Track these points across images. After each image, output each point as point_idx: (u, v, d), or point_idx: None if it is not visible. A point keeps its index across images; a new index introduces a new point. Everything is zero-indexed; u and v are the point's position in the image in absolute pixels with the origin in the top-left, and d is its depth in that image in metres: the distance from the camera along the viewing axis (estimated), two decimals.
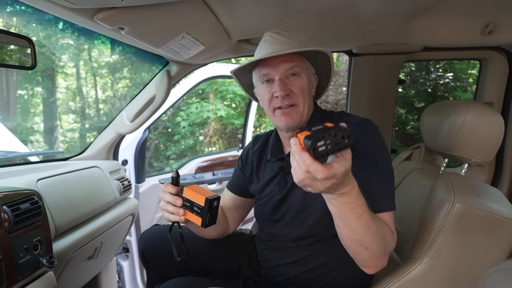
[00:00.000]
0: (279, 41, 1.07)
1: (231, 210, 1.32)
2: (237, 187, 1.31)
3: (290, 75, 1.06)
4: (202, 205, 0.92)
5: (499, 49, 1.68)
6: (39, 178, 1.26)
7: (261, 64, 1.08)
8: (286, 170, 1.12)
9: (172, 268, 1.26)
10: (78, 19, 0.98)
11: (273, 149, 1.19)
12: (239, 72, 1.18)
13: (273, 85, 1.06)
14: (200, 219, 0.93)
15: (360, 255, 0.88)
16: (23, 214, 0.97)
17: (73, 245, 1.27)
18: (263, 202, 1.17)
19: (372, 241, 0.83)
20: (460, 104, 1.13)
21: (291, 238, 1.10)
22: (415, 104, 5.01)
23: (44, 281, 1.05)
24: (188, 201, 0.95)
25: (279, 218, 1.12)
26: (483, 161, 1.13)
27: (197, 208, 0.93)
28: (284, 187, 1.11)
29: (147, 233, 1.34)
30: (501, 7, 1.21)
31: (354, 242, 0.85)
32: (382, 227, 0.86)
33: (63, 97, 6.15)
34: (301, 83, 1.06)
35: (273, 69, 1.05)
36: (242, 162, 1.31)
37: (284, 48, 1.05)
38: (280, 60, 1.05)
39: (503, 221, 0.90)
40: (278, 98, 1.05)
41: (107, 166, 1.75)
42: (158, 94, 1.69)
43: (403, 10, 1.24)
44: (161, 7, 0.97)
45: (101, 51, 5.96)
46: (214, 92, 6.28)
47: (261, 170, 1.22)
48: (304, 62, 1.10)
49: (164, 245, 1.29)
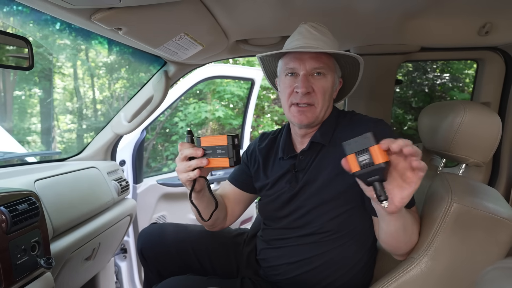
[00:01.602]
0: (314, 36, 1.05)
1: (231, 203, 1.29)
2: (240, 181, 1.29)
3: (316, 74, 1.04)
4: (225, 143, 0.91)
5: (496, 49, 1.69)
6: (37, 178, 1.26)
7: (289, 56, 1.07)
8: (298, 168, 1.11)
9: (171, 266, 1.26)
10: (76, 19, 0.97)
11: (284, 147, 1.17)
12: (265, 58, 1.16)
13: (296, 80, 1.05)
14: (227, 158, 0.91)
15: (402, 250, 0.97)
16: (21, 215, 0.97)
17: (71, 246, 1.27)
18: (271, 199, 1.15)
19: (412, 235, 0.94)
20: (458, 105, 1.13)
21: (299, 234, 1.09)
22: (413, 104, 5.02)
23: (42, 282, 1.04)
24: (209, 148, 0.93)
25: (286, 215, 1.11)
26: (480, 161, 1.14)
27: (220, 150, 0.92)
28: (296, 185, 1.09)
29: (145, 231, 1.34)
30: (498, 7, 1.22)
31: (404, 243, 0.94)
32: (417, 222, 0.96)
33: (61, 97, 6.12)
34: (325, 84, 1.05)
35: (300, 64, 1.03)
36: (247, 157, 1.29)
37: (317, 44, 1.03)
38: (309, 56, 1.03)
39: (501, 221, 0.90)
40: (298, 94, 1.04)
41: (105, 166, 1.74)
42: (156, 95, 1.69)
43: (400, 11, 1.24)
44: (158, 8, 0.97)
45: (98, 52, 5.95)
46: (212, 92, 6.27)
47: (269, 167, 1.20)
48: (333, 63, 1.08)
49: (162, 243, 1.29)
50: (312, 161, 1.09)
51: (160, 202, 2.31)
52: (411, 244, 0.95)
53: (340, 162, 1.05)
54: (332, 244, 1.06)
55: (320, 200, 1.04)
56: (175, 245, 1.28)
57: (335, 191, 1.03)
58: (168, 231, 1.33)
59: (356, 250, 1.08)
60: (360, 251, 1.08)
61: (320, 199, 1.04)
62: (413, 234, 0.94)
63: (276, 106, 6.73)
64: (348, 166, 0.75)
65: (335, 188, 1.03)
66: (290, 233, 1.11)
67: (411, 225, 0.92)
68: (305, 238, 1.08)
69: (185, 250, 1.28)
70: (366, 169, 0.72)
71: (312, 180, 1.07)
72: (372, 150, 0.71)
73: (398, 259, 1.01)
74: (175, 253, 1.28)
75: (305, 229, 1.08)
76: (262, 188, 1.21)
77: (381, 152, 0.71)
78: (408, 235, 0.93)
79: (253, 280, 1.15)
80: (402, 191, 0.75)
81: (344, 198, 1.03)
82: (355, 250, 1.08)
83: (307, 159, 1.10)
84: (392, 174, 0.76)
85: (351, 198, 1.03)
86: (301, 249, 1.09)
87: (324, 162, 1.07)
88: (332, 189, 1.03)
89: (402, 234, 0.90)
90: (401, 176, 0.75)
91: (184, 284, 1.10)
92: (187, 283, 1.11)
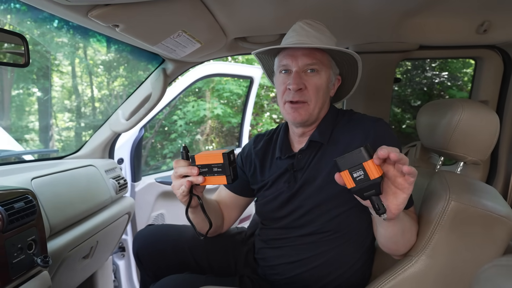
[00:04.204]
0: (307, 33, 1.04)
1: (227, 208, 1.29)
2: (236, 186, 1.28)
3: (309, 71, 1.04)
4: (221, 161, 0.90)
5: (494, 47, 1.69)
6: (34, 177, 1.25)
7: (283, 53, 1.06)
8: (296, 167, 1.10)
9: (167, 267, 1.25)
10: (72, 16, 0.97)
11: (281, 146, 1.16)
12: (263, 56, 1.16)
13: (289, 77, 1.05)
14: (224, 177, 0.91)
15: (401, 252, 0.97)
16: (17, 213, 0.96)
17: (68, 244, 1.26)
18: (269, 199, 1.14)
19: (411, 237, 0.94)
20: (456, 103, 1.13)
21: (298, 234, 1.08)
22: (411, 103, 5.03)
23: (39, 280, 1.04)
24: (205, 166, 0.92)
25: (285, 215, 1.10)
26: (478, 159, 1.14)
27: (216, 168, 0.91)
28: (294, 184, 1.09)
29: (141, 233, 1.33)
30: (496, 5, 1.22)
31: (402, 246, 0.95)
32: (415, 224, 0.96)
33: (59, 95, 6.11)
34: (318, 81, 1.04)
35: (293, 61, 1.03)
36: (242, 160, 1.28)
37: (309, 41, 1.02)
38: (302, 52, 1.02)
39: (498, 218, 0.91)
40: (291, 91, 1.03)
41: (103, 164, 1.74)
42: (154, 92, 1.68)
43: (399, 9, 1.24)
44: (156, 4, 0.96)
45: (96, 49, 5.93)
46: (211, 90, 6.27)
47: (267, 168, 1.19)
48: (328, 59, 1.07)
49: (158, 246, 1.28)
50: (311, 160, 1.08)
51: (159, 200, 2.31)
52: (410, 245, 0.96)
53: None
54: (331, 244, 1.06)
55: (320, 200, 1.04)
56: (171, 245, 1.27)
57: (334, 190, 1.02)
58: (164, 232, 1.32)
59: (355, 249, 1.07)
60: (359, 250, 1.08)
61: (320, 199, 1.04)
62: (411, 236, 0.95)
63: (275, 104, 6.72)
64: (343, 182, 0.75)
65: (335, 188, 1.02)
66: (289, 233, 1.10)
67: (409, 227, 0.92)
68: (304, 238, 1.08)
69: (182, 250, 1.27)
70: (361, 184, 0.73)
71: (311, 179, 1.06)
72: (366, 165, 0.71)
73: (396, 258, 1.01)
74: (171, 253, 1.27)
75: (304, 229, 1.07)
76: (260, 189, 1.20)
77: (375, 166, 0.71)
78: (407, 238, 0.93)
79: (251, 279, 1.15)
80: (397, 197, 0.76)
81: (343, 198, 1.02)
82: (354, 249, 1.07)
83: (305, 158, 1.09)
84: (385, 182, 0.77)
85: (350, 198, 1.03)
86: (300, 249, 1.08)
87: (323, 162, 1.06)
88: (331, 189, 1.03)
89: (400, 238, 0.91)
90: (393, 183, 0.76)
91: (182, 282, 1.10)
92: (185, 281, 1.10)
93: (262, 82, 5.74)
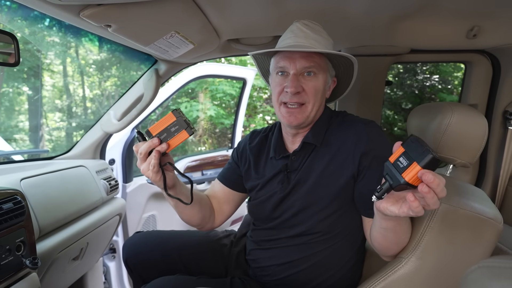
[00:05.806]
0: (305, 34, 1.03)
1: (220, 202, 1.28)
2: (230, 180, 1.27)
3: (306, 73, 1.03)
4: (174, 119, 0.93)
5: (483, 52, 1.72)
6: (23, 177, 1.24)
7: (280, 55, 1.06)
8: (290, 168, 1.10)
9: (157, 274, 1.24)
10: (64, 15, 0.96)
11: (276, 146, 1.16)
12: (259, 56, 1.16)
13: (286, 79, 1.04)
14: (184, 131, 0.93)
15: (391, 252, 0.97)
16: (6, 214, 0.95)
17: (58, 245, 1.25)
18: (262, 199, 1.14)
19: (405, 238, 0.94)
20: (446, 106, 1.15)
21: (289, 235, 1.08)
22: (403, 106, 5.08)
23: (27, 282, 1.02)
24: (162, 132, 0.93)
25: (277, 216, 1.11)
26: (467, 162, 1.15)
27: (173, 127, 0.93)
28: (287, 185, 1.09)
29: (129, 241, 1.33)
30: (486, 11, 1.24)
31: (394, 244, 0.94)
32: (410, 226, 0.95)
33: (49, 95, 6.03)
34: (316, 84, 1.04)
35: (291, 63, 1.02)
36: (237, 155, 1.27)
37: (307, 43, 1.02)
38: (300, 55, 1.02)
39: (486, 220, 0.92)
40: (288, 94, 1.03)
41: (94, 165, 1.72)
42: (146, 93, 1.67)
43: (390, 13, 1.25)
44: (149, 5, 0.96)
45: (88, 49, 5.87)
46: (204, 91, 6.26)
47: (261, 167, 1.19)
48: (325, 62, 1.07)
49: (147, 253, 1.27)
50: (304, 162, 1.09)
51: (150, 201, 2.30)
52: (401, 246, 0.96)
53: (332, 162, 1.05)
54: (322, 245, 1.06)
55: (311, 201, 1.04)
56: (160, 252, 1.27)
57: (326, 192, 1.03)
58: (152, 239, 1.31)
59: (346, 250, 1.08)
60: (350, 251, 1.09)
61: (311, 199, 1.04)
62: (405, 237, 0.94)
63: (268, 106, 6.74)
64: (394, 150, 0.76)
65: (326, 189, 1.03)
66: (280, 234, 1.11)
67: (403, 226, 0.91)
68: (295, 239, 1.08)
69: (171, 256, 1.26)
70: (394, 169, 0.73)
71: (303, 180, 1.07)
72: (413, 166, 0.69)
73: (386, 260, 1.01)
74: (160, 260, 1.26)
75: (295, 229, 1.07)
76: (252, 188, 1.19)
77: (415, 174, 0.69)
78: (398, 237, 0.92)
79: (242, 280, 1.15)
80: (395, 207, 0.75)
81: (335, 199, 1.03)
82: (345, 251, 1.08)
83: (299, 159, 1.10)
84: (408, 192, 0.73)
85: (342, 199, 1.04)
86: (290, 250, 1.09)
87: (315, 163, 1.07)
88: (323, 190, 1.03)
89: (391, 235, 0.91)
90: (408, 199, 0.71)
91: (173, 284, 1.09)
92: (177, 283, 1.10)
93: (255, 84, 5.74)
